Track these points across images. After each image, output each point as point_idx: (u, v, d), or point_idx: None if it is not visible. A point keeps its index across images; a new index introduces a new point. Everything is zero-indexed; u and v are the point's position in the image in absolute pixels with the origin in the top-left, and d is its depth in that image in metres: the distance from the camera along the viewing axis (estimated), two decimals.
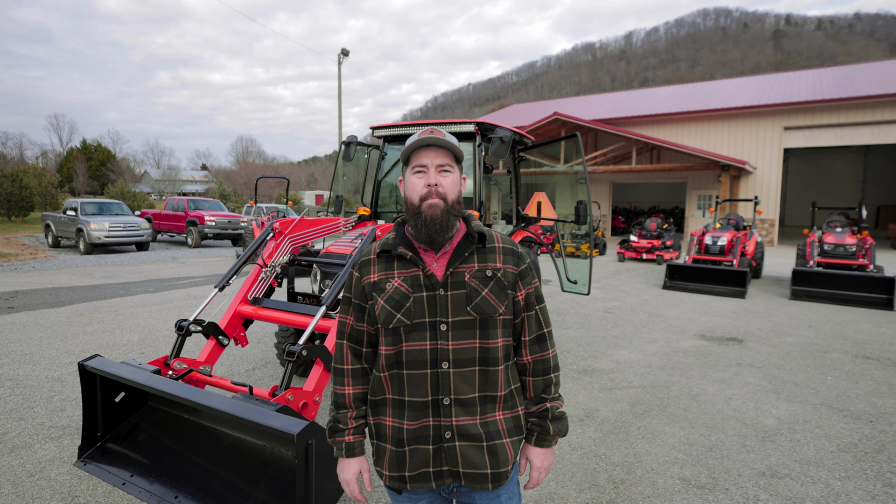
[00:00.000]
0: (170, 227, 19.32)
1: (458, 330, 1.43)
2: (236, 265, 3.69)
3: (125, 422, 2.89)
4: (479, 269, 1.46)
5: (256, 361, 5.26)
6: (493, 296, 1.45)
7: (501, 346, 1.47)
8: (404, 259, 1.47)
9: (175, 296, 8.76)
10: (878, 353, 5.98)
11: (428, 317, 1.43)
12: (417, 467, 1.43)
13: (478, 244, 1.49)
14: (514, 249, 1.52)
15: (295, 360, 2.77)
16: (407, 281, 1.45)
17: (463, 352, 1.43)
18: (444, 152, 1.45)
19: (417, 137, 1.45)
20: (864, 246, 10.37)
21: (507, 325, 1.49)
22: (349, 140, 5.26)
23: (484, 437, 1.43)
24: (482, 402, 1.45)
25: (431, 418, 1.43)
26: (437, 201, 1.41)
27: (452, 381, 1.42)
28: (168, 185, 56.42)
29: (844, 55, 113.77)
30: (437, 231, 1.42)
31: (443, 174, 1.44)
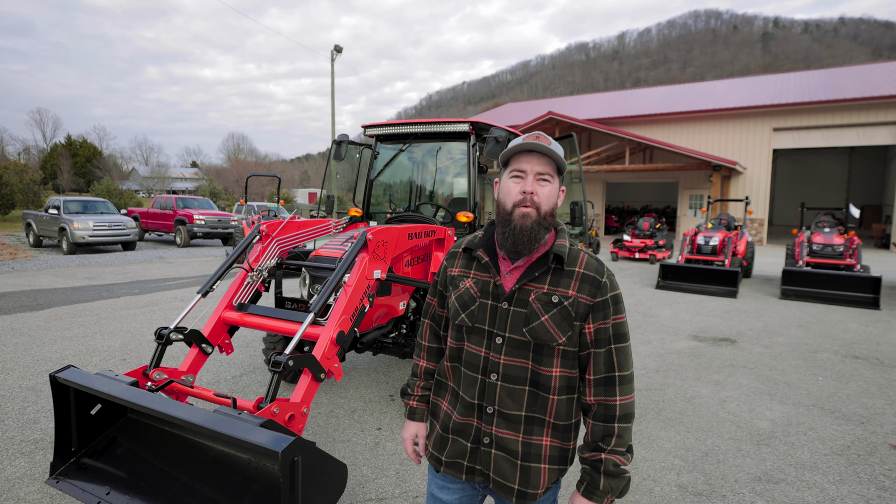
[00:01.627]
0: (158, 225, 19.03)
1: (511, 347, 1.41)
2: (220, 269, 3.58)
3: (102, 435, 2.77)
4: (547, 293, 1.39)
5: (244, 367, 5.15)
6: (554, 324, 1.37)
7: (558, 376, 1.41)
8: (481, 262, 1.48)
9: (161, 298, 8.59)
10: (866, 352, 5.98)
11: (487, 325, 1.44)
12: (454, 456, 1.48)
13: (554, 265, 1.40)
14: (595, 278, 1.39)
15: (281, 370, 2.67)
16: (478, 284, 1.46)
17: (513, 369, 1.41)
18: (546, 160, 1.39)
19: (521, 141, 1.39)
20: (851, 246, 10.44)
21: (570, 357, 1.41)
22: (340, 139, 5.16)
23: (521, 456, 1.42)
24: (528, 421, 1.42)
25: (475, 420, 1.46)
26: (529, 210, 1.36)
27: (498, 394, 1.42)
28: (157, 183, 55.75)
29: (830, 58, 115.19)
30: (523, 242, 1.37)
31: (541, 183, 1.39)
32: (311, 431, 3.74)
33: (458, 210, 5.10)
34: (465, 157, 5.21)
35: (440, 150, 5.64)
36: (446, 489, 1.56)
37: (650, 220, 16.17)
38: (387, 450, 3.49)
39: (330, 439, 3.63)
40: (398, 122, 4.91)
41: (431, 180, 5.93)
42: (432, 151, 5.66)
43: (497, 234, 1.46)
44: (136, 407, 2.41)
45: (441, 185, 6.13)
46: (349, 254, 3.26)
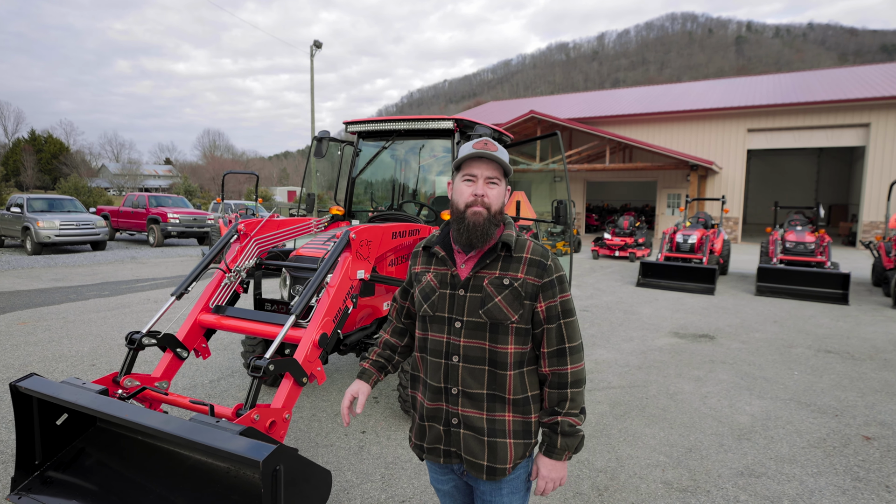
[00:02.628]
0: (129, 224, 18.50)
1: (470, 329, 1.56)
2: (196, 270, 3.46)
3: (69, 446, 2.63)
4: (498, 277, 1.55)
5: (222, 371, 5.01)
6: (506, 304, 1.53)
7: (513, 352, 1.56)
8: (438, 257, 1.64)
9: (133, 300, 8.34)
10: (837, 346, 6.13)
11: (447, 312, 1.59)
12: (432, 442, 1.62)
13: (503, 252, 1.57)
14: (540, 261, 1.56)
15: (261, 375, 2.58)
16: (437, 277, 1.63)
17: (472, 349, 1.56)
18: (494, 165, 1.56)
19: (472, 149, 1.56)
20: (821, 244, 10.71)
21: (522, 334, 1.57)
22: (321, 135, 5.05)
23: (486, 433, 1.55)
24: (490, 399, 1.56)
25: (444, 403, 1.60)
26: (480, 210, 1.53)
27: (461, 374, 1.57)
28: (128, 180, 54.16)
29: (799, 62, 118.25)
30: (476, 237, 1.54)
31: (490, 185, 1.56)
32: (292, 436, 3.65)
33: (442, 208, 5.04)
34: (448, 154, 5.15)
35: (423, 147, 5.58)
36: (441, 481, 1.73)
37: (630, 219, 16.35)
38: (372, 454, 3.42)
39: (312, 444, 3.55)
40: (381, 119, 4.84)
41: (414, 178, 5.87)
42: (415, 149, 5.60)
43: (452, 231, 1.62)
44: (105, 417, 2.30)
45: (424, 183, 6.07)
46: (331, 253, 3.18)
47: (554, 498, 2.93)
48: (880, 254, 10.35)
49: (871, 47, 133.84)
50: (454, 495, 1.75)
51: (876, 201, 20.06)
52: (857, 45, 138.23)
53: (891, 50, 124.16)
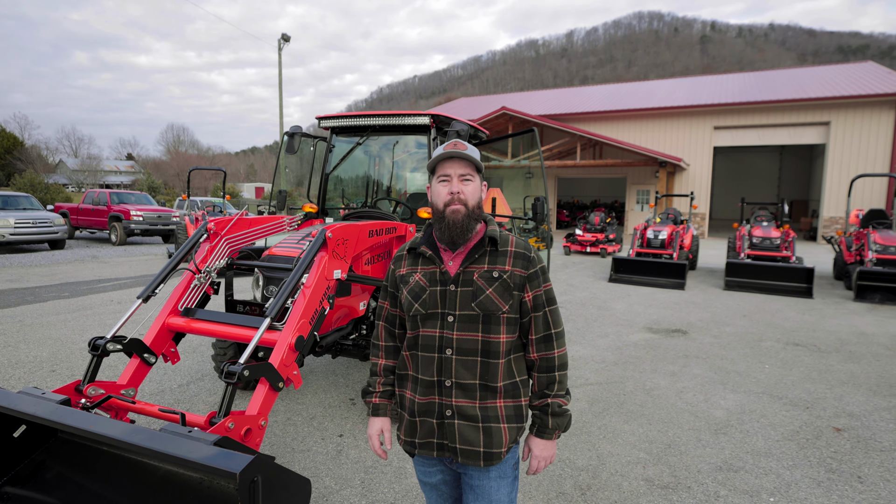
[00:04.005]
0: (90, 222, 17.79)
1: (463, 322, 1.62)
2: (164, 271, 3.29)
3: (28, 459, 2.47)
4: (488, 270, 1.62)
5: (191, 375, 4.83)
6: (497, 295, 1.60)
7: (504, 341, 1.63)
8: (425, 256, 1.69)
9: (95, 301, 8.00)
10: (804, 339, 6.31)
11: (439, 308, 1.64)
12: (425, 436, 1.66)
13: (490, 247, 1.65)
14: (525, 254, 1.65)
15: (235, 382, 2.47)
16: (426, 276, 1.67)
17: (466, 342, 1.62)
18: (465, 163, 1.63)
19: (443, 150, 1.64)
20: (787, 239, 11.04)
21: (512, 323, 1.64)
22: (293, 130, 4.90)
23: (480, 419, 1.61)
24: (482, 389, 1.63)
25: (437, 396, 1.64)
26: (458, 207, 1.61)
27: (454, 367, 1.62)
28: (88, 176, 52.04)
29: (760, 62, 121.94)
30: (458, 233, 1.62)
31: (464, 182, 1.63)
32: (268, 442, 3.53)
33: (418, 205, 4.97)
34: (424, 150, 5.07)
35: (397, 143, 5.49)
36: (428, 473, 1.77)
37: (601, 215, 16.56)
38: (350, 458, 3.33)
39: (289, 449, 3.44)
40: (356, 114, 4.72)
41: (388, 175, 5.77)
42: (388, 145, 5.50)
43: (435, 231, 1.70)
44: (67, 429, 2.15)
45: (398, 179, 5.97)
46: (307, 253, 3.07)
47: (537, 498, 2.90)
48: (841, 248, 10.74)
49: (829, 48, 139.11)
50: (440, 488, 1.79)
51: (836, 197, 20.84)
52: (816, 46, 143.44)
53: (846, 51, 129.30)
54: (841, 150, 20.66)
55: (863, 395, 4.47)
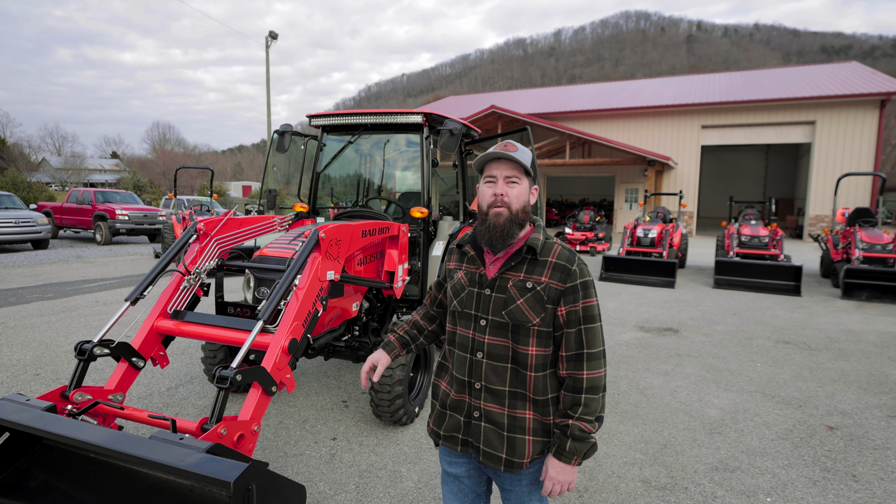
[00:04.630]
0: (74, 221, 17.47)
1: (494, 328, 1.60)
2: (152, 273, 3.21)
3: (12, 468, 2.39)
4: (523, 280, 1.58)
5: (179, 378, 4.74)
6: (528, 307, 1.56)
7: (534, 354, 1.58)
8: (469, 255, 1.71)
9: (80, 302, 7.84)
10: (794, 337, 6.36)
11: (473, 310, 1.64)
12: (450, 430, 1.69)
13: (529, 255, 1.60)
14: (565, 266, 1.57)
15: (227, 387, 2.40)
16: (467, 275, 1.69)
17: (496, 347, 1.61)
18: (513, 165, 1.59)
19: (492, 150, 1.60)
20: (775, 237, 11.15)
21: (544, 336, 1.58)
22: (284, 129, 4.83)
23: (506, 428, 1.60)
24: (511, 396, 1.60)
25: (467, 396, 1.66)
26: (501, 210, 1.57)
27: (484, 371, 1.62)
28: (72, 175, 51.13)
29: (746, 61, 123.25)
30: (497, 237, 1.58)
31: (510, 185, 1.59)
32: (260, 446, 3.47)
33: (410, 205, 4.92)
34: (415, 149, 5.03)
35: (388, 142, 5.43)
36: (454, 464, 1.75)
37: (590, 214, 16.61)
38: (344, 462, 3.28)
39: (281, 454, 3.38)
40: (347, 112, 4.66)
41: (379, 174, 5.71)
42: (379, 143, 5.44)
43: (476, 231, 1.67)
44: (53, 437, 2.09)
45: (390, 178, 5.92)
46: (300, 254, 3.01)
47: None
48: (828, 247, 10.87)
49: (812, 48, 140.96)
50: (462, 480, 1.77)
51: (821, 196, 21.12)
52: (800, 46, 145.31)
53: (829, 51, 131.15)
54: (826, 149, 20.94)
55: (854, 393, 4.51)
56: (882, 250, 9.39)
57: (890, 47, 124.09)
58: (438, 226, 4.92)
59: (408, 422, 3.74)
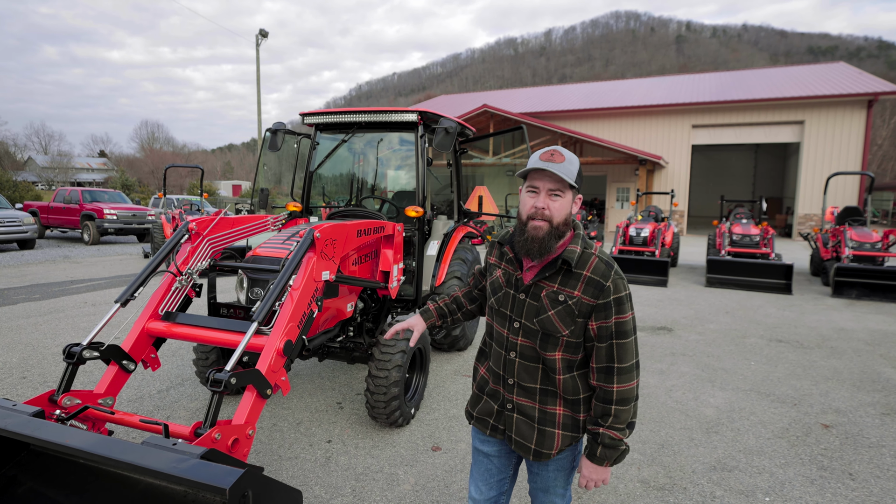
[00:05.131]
0: (61, 221, 17.22)
1: (525, 331, 1.65)
2: (143, 274, 3.15)
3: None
4: (556, 291, 1.59)
5: (171, 380, 4.66)
6: (558, 319, 1.58)
7: (561, 359, 1.62)
8: (507, 257, 1.73)
9: (67, 303, 7.72)
10: (787, 335, 6.40)
11: (508, 311, 1.69)
12: (483, 414, 1.80)
13: (564, 267, 1.59)
14: (599, 282, 1.55)
15: (222, 390, 2.35)
16: (505, 275, 1.72)
17: (527, 349, 1.66)
18: (558, 177, 1.54)
19: (538, 160, 1.56)
20: (766, 236, 11.22)
21: (572, 346, 1.61)
22: (276, 127, 4.77)
23: (537, 421, 1.67)
24: (542, 392, 1.67)
25: (502, 388, 1.74)
26: (541, 224, 1.55)
27: (516, 369, 1.69)
28: (59, 174, 50.48)
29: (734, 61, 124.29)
30: (534, 250, 1.57)
31: (553, 198, 1.56)
32: (254, 449, 3.41)
33: (404, 204, 4.88)
34: (409, 148, 4.98)
35: (382, 140, 5.39)
36: (486, 442, 1.83)
37: (582, 213, 16.63)
38: (340, 465, 3.24)
39: (276, 457, 3.33)
40: (341, 111, 4.61)
41: (373, 172, 5.67)
42: (373, 142, 5.40)
43: (515, 239, 1.66)
44: (42, 444, 2.02)
45: (384, 177, 5.87)
46: (295, 254, 2.96)
47: None
48: (818, 245, 10.96)
49: (800, 48, 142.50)
50: (492, 459, 1.84)
51: (810, 195, 21.33)
52: (787, 47, 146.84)
53: (816, 51, 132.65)
54: (815, 148, 21.15)
55: (847, 391, 4.53)
56: (871, 249, 9.49)
57: (875, 48, 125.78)
58: (433, 225, 4.88)
59: (404, 423, 3.70)
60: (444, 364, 5.14)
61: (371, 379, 3.52)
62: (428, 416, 3.96)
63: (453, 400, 4.26)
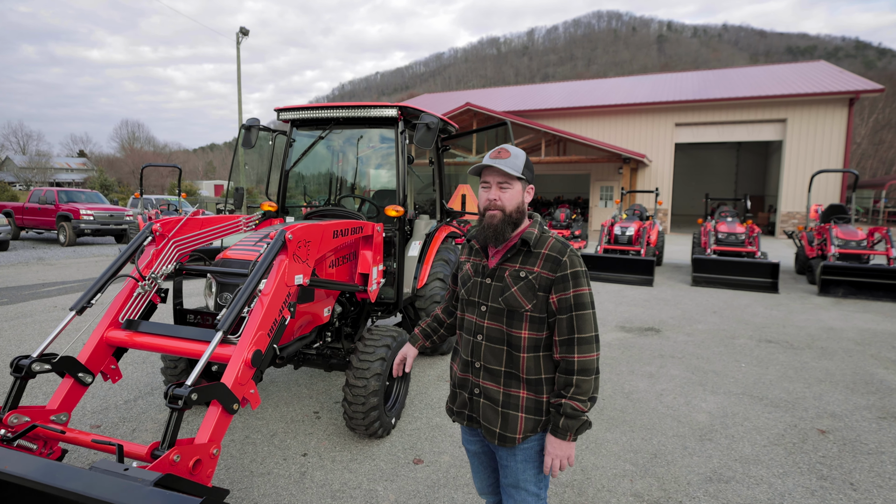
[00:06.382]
0: (36, 222, 16.70)
1: (492, 313, 1.77)
2: (100, 280, 2.91)
3: None
4: (517, 269, 1.74)
5: (139, 389, 4.41)
6: (521, 294, 1.71)
7: (526, 336, 1.72)
8: (475, 249, 1.89)
9: (36, 307, 7.38)
10: (776, 336, 6.32)
11: (477, 297, 1.82)
12: (460, 407, 1.89)
13: (524, 248, 1.75)
14: (556, 258, 1.70)
15: (181, 407, 2.15)
16: (473, 266, 1.87)
17: (493, 331, 1.78)
18: (503, 171, 1.72)
19: (487, 158, 1.75)
20: (751, 234, 11.21)
21: (537, 321, 1.71)
22: (250, 123, 4.54)
23: (501, 404, 1.76)
24: (506, 376, 1.77)
25: (470, 375, 1.85)
26: (495, 213, 1.74)
27: (483, 352, 1.80)
28: (37, 174, 49.25)
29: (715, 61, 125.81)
30: (492, 237, 1.75)
31: (502, 189, 1.74)
32: (224, 464, 3.20)
33: (384, 203, 4.68)
34: (389, 145, 4.79)
35: (361, 138, 5.19)
36: (470, 441, 1.96)
37: (566, 211, 16.55)
38: (315, 481, 3.03)
39: (246, 473, 3.12)
40: (317, 106, 4.39)
41: (353, 171, 5.46)
42: (353, 139, 5.19)
43: (476, 231, 1.84)
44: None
45: (364, 176, 5.67)
46: (265, 256, 2.75)
47: None
48: (803, 243, 10.98)
49: (779, 48, 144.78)
50: (480, 457, 1.97)
51: (793, 193, 21.52)
52: (767, 46, 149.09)
53: (795, 51, 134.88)
54: (797, 146, 21.34)
55: (841, 394, 4.44)
56: (857, 246, 9.50)
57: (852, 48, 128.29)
58: (415, 225, 4.70)
59: (384, 434, 3.51)
60: (426, 369, 4.96)
61: (349, 388, 3.33)
62: (410, 425, 3.78)
63: (436, 408, 4.07)
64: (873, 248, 9.62)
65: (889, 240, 9.06)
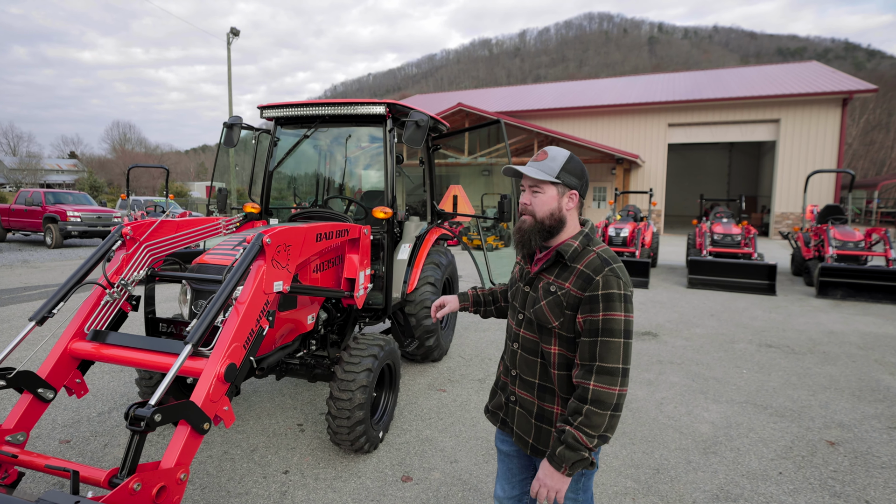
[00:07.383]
0: (22, 224, 16.40)
1: (527, 323, 1.71)
2: (63, 288, 2.70)
3: None
4: (550, 283, 1.65)
5: (115, 400, 4.19)
6: (549, 309, 1.62)
7: (556, 353, 1.63)
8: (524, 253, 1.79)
9: (15, 312, 7.11)
10: (776, 340, 6.17)
11: (517, 302, 1.77)
12: (495, 407, 1.87)
13: (560, 260, 1.66)
14: (589, 276, 1.56)
15: (143, 430, 1.95)
16: (521, 271, 1.81)
17: (527, 341, 1.72)
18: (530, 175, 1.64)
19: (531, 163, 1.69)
20: (747, 235, 11.09)
21: (566, 340, 1.61)
22: (233, 121, 4.33)
23: (535, 416, 1.70)
24: (540, 389, 1.70)
25: (508, 380, 1.80)
26: (525, 217, 1.68)
27: (518, 360, 1.75)
28: (27, 176, 48.67)
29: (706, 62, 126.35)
30: (518, 242, 1.70)
31: (534, 194, 1.66)
32: (198, 483, 2.99)
33: (374, 205, 4.49)
34: (378, 144, 4.60)
35: (350, 137, 4.99)
36: (504, 441, 1.88)
37: None
38: (296, 501, 2.83)
39: (223, 493, 2.91)
40: (303, 103, 4.19)
41: (340, 171, 5.26)
42: (341, 138, 5.00)
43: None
44: None
45: (352, 176, 5.47)
46: (241, 262, 2.55)
47: None
48: (799, 244, 10.87)
49: (769, 50, 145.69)
50: (511, 458, 1.87)
51: (787, 193, 21.50)
52: (757, 48, 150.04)
53: (785, 53, 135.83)
54: (791, 146, 21.33)
55: (848, 402, 4.28)
56: (855, 248, 9.39)
57: (842, 49, 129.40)
58: (404, 227, 4.50)
59: (370, 449, 3.31)
60: (416, 377, 4.76)
61: (333, 401, 3.13)
62: (398, 438, 3.58)
63: (426, 419, 3.88)
64: (871, 249, 9.52)
65: (888, 241, 8.96)
